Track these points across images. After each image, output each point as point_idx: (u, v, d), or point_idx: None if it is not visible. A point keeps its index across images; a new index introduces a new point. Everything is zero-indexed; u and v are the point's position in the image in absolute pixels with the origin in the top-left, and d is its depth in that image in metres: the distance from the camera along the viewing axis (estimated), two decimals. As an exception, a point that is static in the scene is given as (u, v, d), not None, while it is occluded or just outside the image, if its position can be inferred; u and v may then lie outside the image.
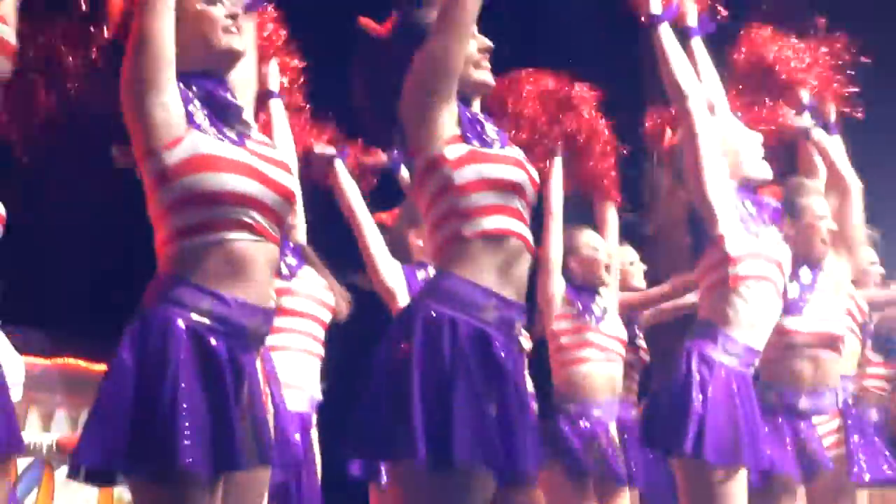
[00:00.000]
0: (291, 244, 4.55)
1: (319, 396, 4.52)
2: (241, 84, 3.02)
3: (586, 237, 5.21)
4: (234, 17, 2.86)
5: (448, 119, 3.02)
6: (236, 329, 2.65)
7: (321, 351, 4.55)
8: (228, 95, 2.83)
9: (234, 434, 2.57)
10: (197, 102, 2.74)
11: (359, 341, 4.61)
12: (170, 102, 2.66)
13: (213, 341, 2.60)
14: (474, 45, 3.14)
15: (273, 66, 4.52)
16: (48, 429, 7.40)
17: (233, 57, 2.88)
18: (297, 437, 4.29)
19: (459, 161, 2.99)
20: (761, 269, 3.95)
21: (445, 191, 2.99)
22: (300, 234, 4.64)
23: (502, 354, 2.93)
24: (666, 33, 3.99)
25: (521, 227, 3.04)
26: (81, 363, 7.33)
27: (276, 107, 4.47)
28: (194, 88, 2.77)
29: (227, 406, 2.57)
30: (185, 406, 2.51)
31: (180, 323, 2.58)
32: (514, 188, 3.04)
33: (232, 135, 2.75)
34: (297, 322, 4.47)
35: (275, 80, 4.52)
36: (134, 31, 2.69)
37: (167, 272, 2.65)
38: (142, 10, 2.69)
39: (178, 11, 2.76)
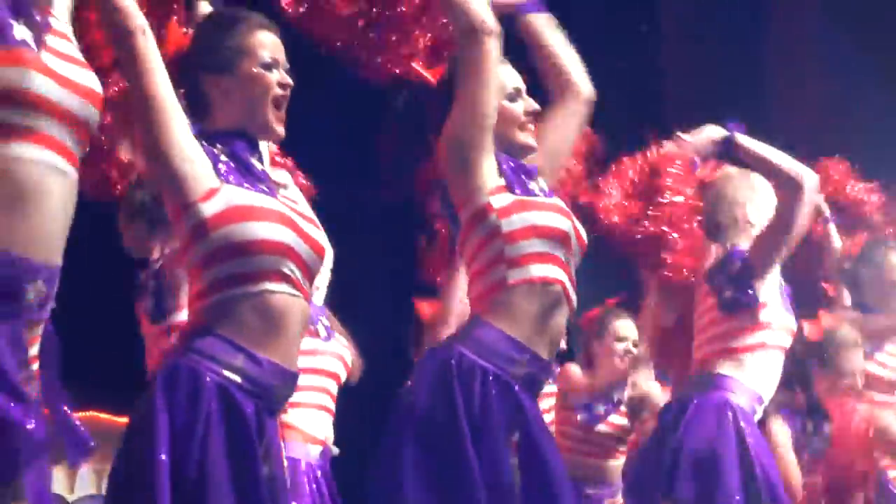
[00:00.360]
0: (317, 306, 4.51)
1: (336, 450, 4.51)
2: None
3: (617, 325, 5.17)
4: (286, 87, 2.74)
5: (489, 169, 3.06)
6: (265, 390, 2.60)
7: (333, 407, 4.55)
8: (255, 161, 2.71)
9: (260, 497, 2.53)
10: (224, 157, 2.66)
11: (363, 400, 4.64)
12: (194, 156, 2.60)
13: (241, 400, 2.55)
14: (521, 106, 3.18)
15: None
16: (73, 482, 7.42)
17: (272, 138, 2.78)
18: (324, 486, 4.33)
19: (506, 210, 3.04)
20: (782, 340, 4.10)
21: (493, 238, 3.04)
22: (320, 296, 4.58)
23: (529, 409, 2.98)
24: (743, 138, 4.06)
25: (564, 277, 3.08)
26: (105, 416, 7.35)
27: None
28: (219, 146, 2.68)
29: (254, 468, 2.54)
30: (213, 467, 2.47)
31: (208, 379, 2.52)
32: (560, 237, 3.08)
33: (263, 187, 2.68)
34: (317, 380, 4.47)
35: None
36: (138, 96, 2.59)
37: (198, 324, 2.60)
38: (142, 74, 2.57)
39: (230, 67, 2.70)
